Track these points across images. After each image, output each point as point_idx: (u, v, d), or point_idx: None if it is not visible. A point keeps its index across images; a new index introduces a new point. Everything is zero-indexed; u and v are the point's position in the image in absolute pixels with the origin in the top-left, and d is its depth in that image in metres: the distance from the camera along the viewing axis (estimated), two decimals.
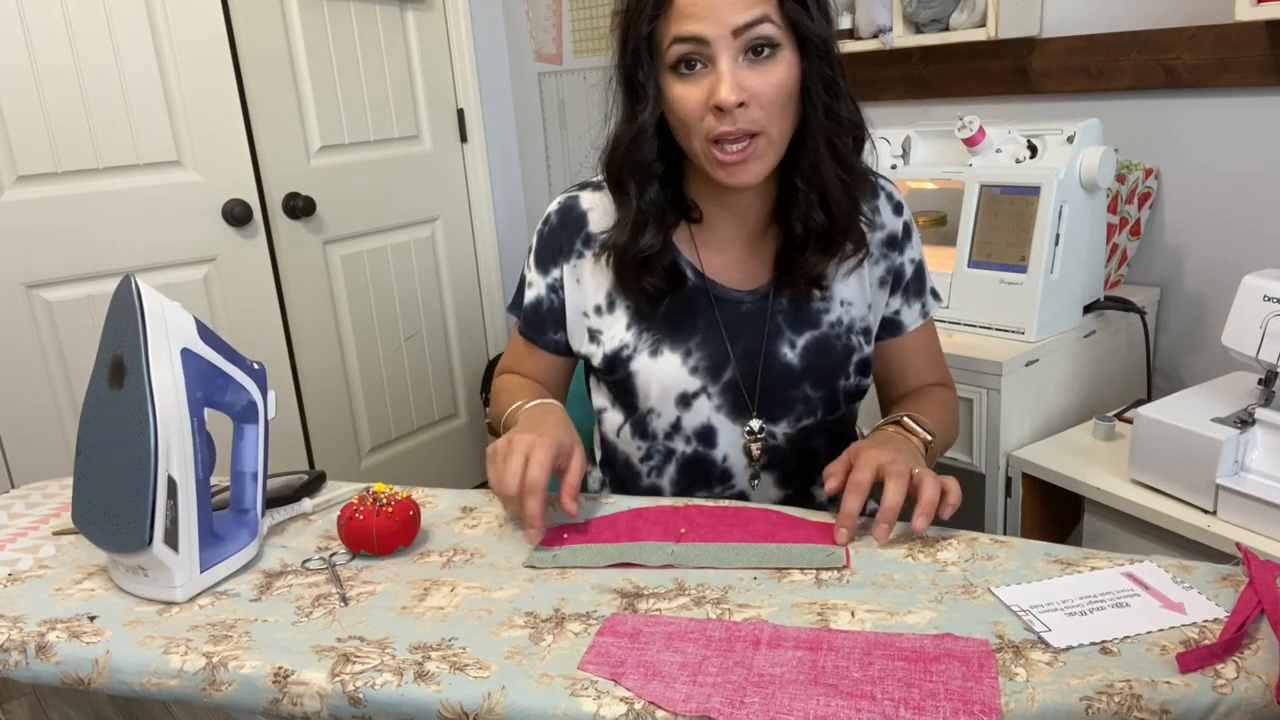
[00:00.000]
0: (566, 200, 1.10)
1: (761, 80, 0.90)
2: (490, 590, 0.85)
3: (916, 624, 0.76)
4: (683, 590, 0.83)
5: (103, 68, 1.94)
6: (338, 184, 2.37)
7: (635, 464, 1.13)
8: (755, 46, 0.90)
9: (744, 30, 0.88)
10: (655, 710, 0.67)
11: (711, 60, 0.90)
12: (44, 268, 1.95)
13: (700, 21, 0.88)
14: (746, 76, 0.90)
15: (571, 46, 2.57)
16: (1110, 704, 0.64)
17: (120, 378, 0.85)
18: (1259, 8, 1.28)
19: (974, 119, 1.43)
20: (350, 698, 0.72)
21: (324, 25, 2.28)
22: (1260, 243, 1.50)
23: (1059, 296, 1.39)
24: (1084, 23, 1.61)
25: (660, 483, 1.12)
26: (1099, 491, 1.22)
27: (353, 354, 2.49)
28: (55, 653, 0.80)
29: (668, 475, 1.11)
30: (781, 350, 1.05)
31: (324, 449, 2.45)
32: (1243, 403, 1.13)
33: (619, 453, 1.15)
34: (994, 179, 1.41)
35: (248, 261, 2.21)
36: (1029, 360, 1.36)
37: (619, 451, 1.15)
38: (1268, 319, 1.06)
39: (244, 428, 0.97)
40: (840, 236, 1.00)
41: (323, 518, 1.04)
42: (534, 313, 1.13)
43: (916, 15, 1.66)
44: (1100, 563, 0.83)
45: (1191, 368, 1.61)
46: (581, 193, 1.10)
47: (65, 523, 1.05)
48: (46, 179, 1.92)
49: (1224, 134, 1.50)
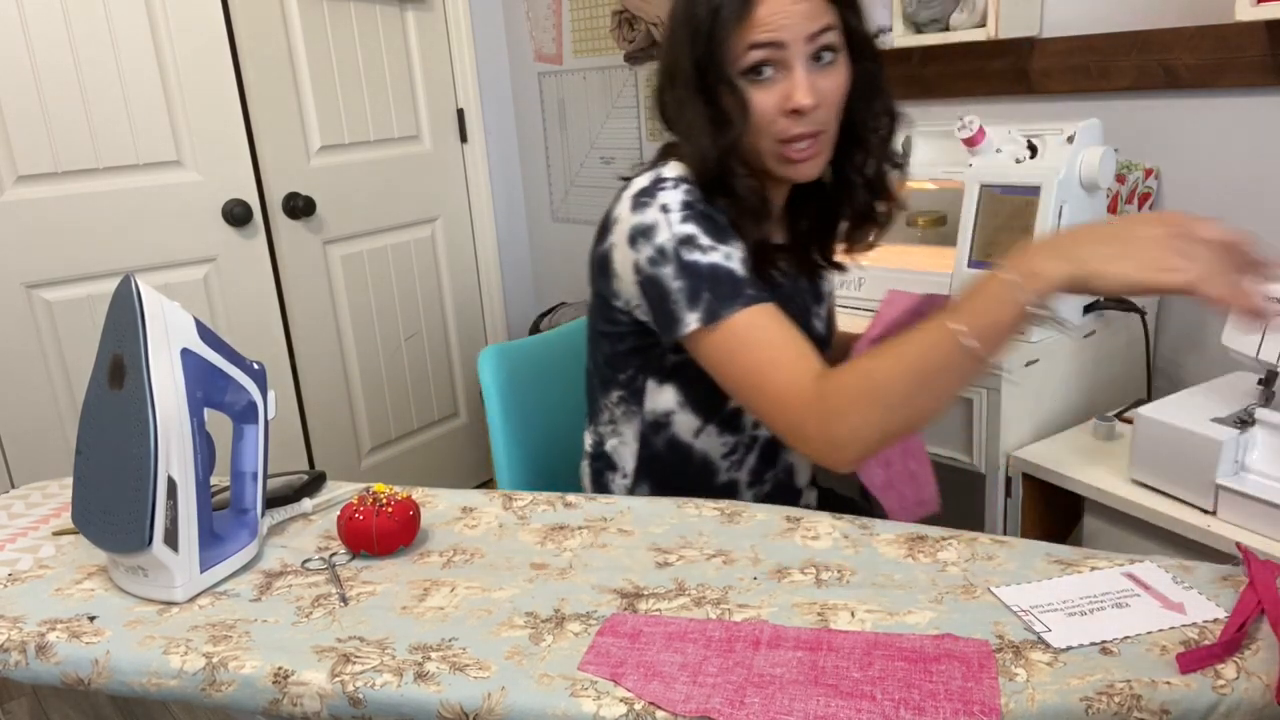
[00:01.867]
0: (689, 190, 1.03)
1: (828, 83, 0.99)
2: (490, 590, 0.85)
3: (916, 624, 0.76)
4: (683, 590, 0.83)
5: (103, 68, 1.94)
6: (338, 184, 2.37)
7: (716, 461, 1.14)
8: (819, 52, 0.98)
9: (815, 37, 0.96)
10: (655, 710, 0.67)
11: (786, 66, 0.97)
12: (44, 268, 1.95)
13: (779, 30, 0.95)
14: (816, 80, 0.98)
15: (571, 46, 2.57)
16: (1110, 704, 0.64)
17: (120, 378, 0.85)
18: (1259, 8, 1.28)
19: (974, 119, 1.42)
20: (350, 698, 0.72)
21: (324, 25, 2.28)
22: (1260, 243, 1.50)
23: (1059, 297, 1.39)
24: (1084, 23, 1.61)
25: (739, 476, 1.15)
26: (1099, 491, 1.22)
27: (353, 354, 2.49)
28: (55, 653, 0.80)
29: (747, 466, 1.15)
30: (815, 324, 1.19)
31: (324, 449, 2.45)
32: (1243, 403, 1.13)
33: (694, 455, 1.13)
34: (994, 179, 1.41)
35: (248, 261, 2.21)
36: (1029, 360, 1.36)
37: (695, 453, 1.13)
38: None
39: (244, 428, 0.97)
40: (885, 213, 1.12)
41: (323, 518, 1.04)
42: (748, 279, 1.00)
43: (916, 15, 1.66)
44: (1100, 563, 0.83)
45: (1191, 368, 1.61)
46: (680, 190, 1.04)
47: (65, 523, 1.05)
48: (46, 179, 1.92)
49: (1224, 134, 1.50)
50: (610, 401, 1.16)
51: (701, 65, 0.99)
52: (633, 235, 1.01)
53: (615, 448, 1.18)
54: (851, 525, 0.94)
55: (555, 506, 1.04)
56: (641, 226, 1.00)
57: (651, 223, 1.00)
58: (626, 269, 1.03)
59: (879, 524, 0.94)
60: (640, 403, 1.14)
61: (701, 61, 0.99)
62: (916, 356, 0.87)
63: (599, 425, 1.19)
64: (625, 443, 1.17)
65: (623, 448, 1.17)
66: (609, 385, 1.15)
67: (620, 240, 1.03)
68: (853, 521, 0.95)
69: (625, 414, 1.16)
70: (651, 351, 1.10)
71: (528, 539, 0.96)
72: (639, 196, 1.03)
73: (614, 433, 1.18)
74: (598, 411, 1.19)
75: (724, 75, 0.98)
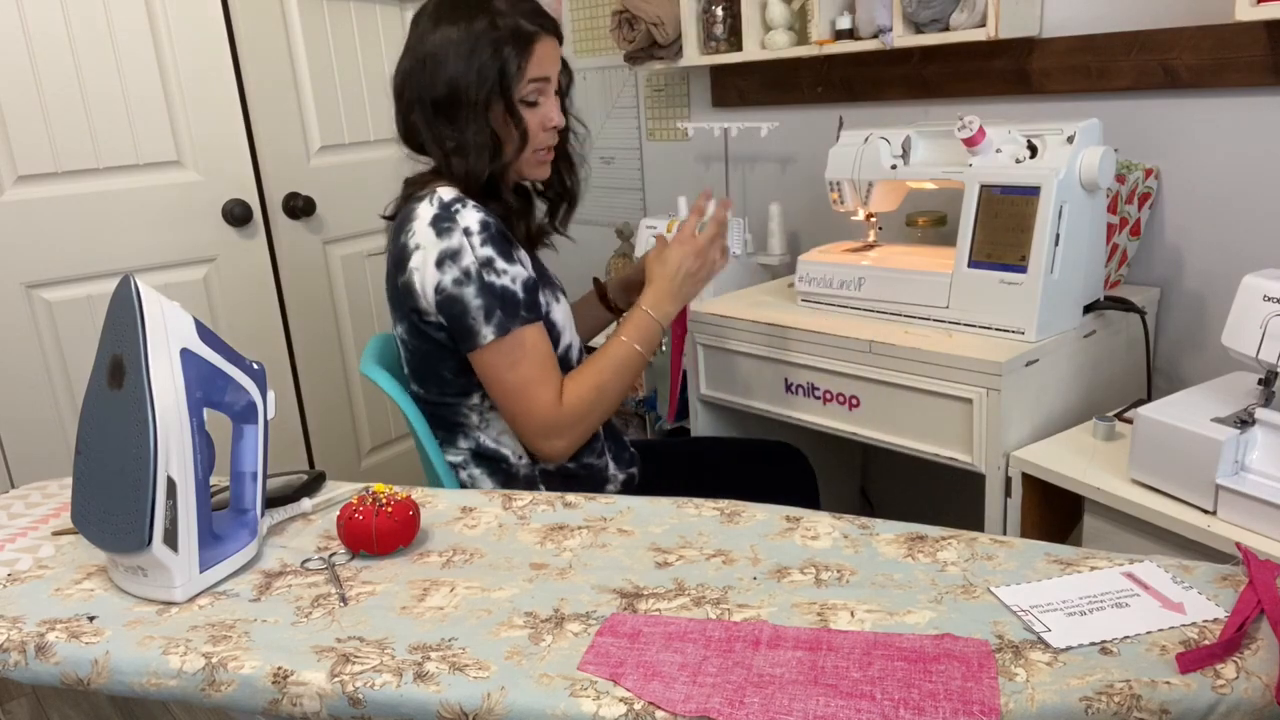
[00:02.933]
0: (477, 207, 1.25)
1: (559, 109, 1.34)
2: (490, 590, 0.85)
3: (916, 624, 0.76)
4: (682, 590, 0.83)
5: (103, 68, 1.94)
6: (338, 184, 2.37)
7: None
8: (560, 87, 1.34)
9: (559, 76, 1.33)
10: (655, 710, 0.67)
11: (546, 95, 1.30)
12: (44, 268, 1.95)
13: (547, 68, 1.28)
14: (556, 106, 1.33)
15: (572, 46, 2.57)
16: (1110, 704, 0.64)
17: (120, 378, 0.85)
18: (1259, 8, 1.28)
19: (974, 119, 1.42)
20: (350, 698, 0.72)
21: (324, 25, 2.28)
22: (1260, 243, 1.50)
23: (1059, 296, 1.39)
24: (1084, 23, 1.61)
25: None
26: (1099, 491, 1.22)
27: (353, 354, 2.49)
28: (55, 653, 0.80)
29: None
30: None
31: (324, 449, 2.44)
32: (1243, 403, 1.13)
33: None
34: (994, 179, 1.41)
35: (248, 261, 2.21)
36: (1029, 360, 1.36)
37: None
38: (1268, 319, 1.06)
39: (243, 428, 0.97)
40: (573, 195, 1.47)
41: (322, 518, 1.04)
42: (525, 300, 1.26)
43: (916, 15, 1.66)
44: (1100, 563, 0.83)
45: (1191, 368, 1.61)
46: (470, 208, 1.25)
47: (65, 523, 1.05)
48: (46, 179, 1.92)
49: (1224, 134, 1.50)
50: (473, 404, 1.32)
51: (486, 98, 1.23)
52: (440, 259, 1.20)
53: (498, 439, 1.34)
54: (851, 525, 0.94)
55: (555, 506, 1.04)
56: (449, 250, 1.20)
57: (457, 246, 1.20)
58: (428, 289, 1.21)
59: (879, 524, 0.94)
60: None
61: (488, 95, 1.23)
62: (612, 367, 1.29)
63: (471, 433, 1.35)
64: (505, 431, 1.33)
65: (505, 436, 1.34)
66: (467, 392, 1.31)
67: (424, 264, 1.21)
68: (853, 521, 0.95)
69: (492, 407, 1.32)
70: None
71: (527, 539, 0.96)
72: (438, 223, 1.21)
73: (488, 428, 1.34)
74: (462, 424, 1.35)
75: (509, 103, 1.25)
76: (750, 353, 1.61)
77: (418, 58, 1.26)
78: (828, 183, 1.66)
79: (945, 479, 1.85)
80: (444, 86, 1.23)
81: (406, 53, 1.28)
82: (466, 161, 1.25)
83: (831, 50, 1.80)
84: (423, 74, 1.25)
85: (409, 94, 1.28)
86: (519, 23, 1.25)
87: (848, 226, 1.78)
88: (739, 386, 1.67)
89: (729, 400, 1.69)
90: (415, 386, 1.37)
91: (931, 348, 1.38)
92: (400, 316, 1.30)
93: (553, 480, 1.35)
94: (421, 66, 1.25)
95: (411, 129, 1.30)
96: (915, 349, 1.39)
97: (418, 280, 1.22)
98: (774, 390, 1.61)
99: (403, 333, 1.32)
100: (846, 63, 1.92)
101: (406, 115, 1.29)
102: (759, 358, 1.61)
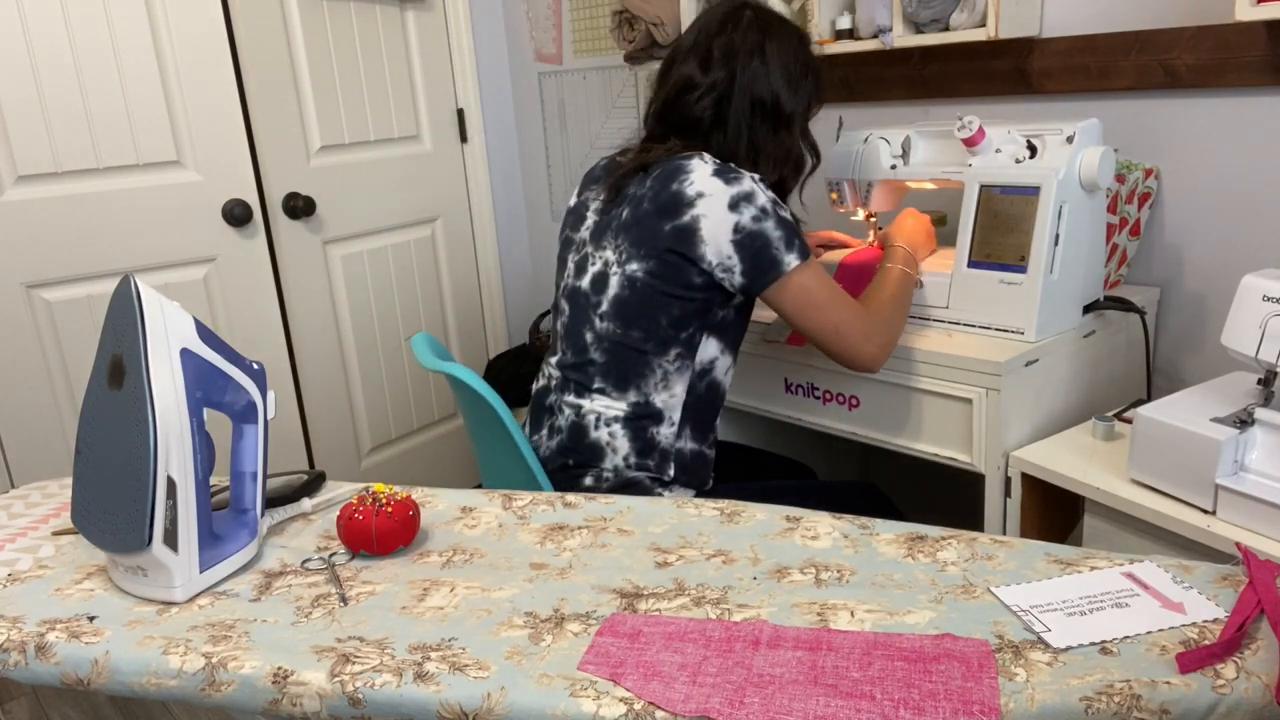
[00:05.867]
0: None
1: None
2: (490, 590, 0.85)
3: (916, 624, 0.76)
4: (683, 590, 0.83)
5: (103, 68, 1.94)
6: (338, 184, 2.37)
7: (727, 389, 1.41)
8: None
9: None
10: (655, 710, 0.67)
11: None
12: (44, 268, 1.95)
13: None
14: None
15: (571, 46, 2.57)
16: (1110, 704, 0.64)
17: (120, 378, 0.85)
18: (1259, 8, 1.28)
19: (974, 119, 1.42)
20: (350, 698, 0.72)
21: (324, 25, 2.28)
22: (1260, 243, 1.50)
23: (1059, 296, 1.39)
24: (1084, 23, 1.61)
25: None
26: (1099, 491, 1.22)
27: (353, 354, 2.49)
28: (55, 653, 0.80)
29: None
30: None
31: (324, 449, 2.44)
32: (1242, 403, 1.13)
33: (721, 390, 1.39)
34: (994, 179, 1.41)
35: (248, 261, 2.21)
36: (1029, 360, 1.36)
37: (722, 389, 1.39)
38: (1267, 319, 1.06)
39: (243, 428, 0.97)
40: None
41: (322, 518, 1.04)
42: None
43: (916, 15, 1.66)
44: (1100, 563, 0.83)
45: (1191, 368, 1.61)
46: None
47: (65, 523, 1.05)
48: (46, 179, 1.92)
49: (1224, 134, 1.50)
50: (666, 360, 1.32)
51: (805, 114, 1.36)
52: (734, 202, 1.25)
53: (665, 401, 1.34)
54: (851, 525, 0.94)
55: (555, 506, 1.04)
56: (742, 193, 1.25)
57: (750, 189, 1.26)
58: (722, 230, 1.24)
59: (879, 524, 0.94)
60: (694, 356, 1.33)
61: (809, 110, 1.37)
62: (889, 286, 1.38)
63: (645, 386, 1.33)
64: (675, 394, 1.34)
65: (672, 399, 1.34)
66: (667, 345, 1.31)
67: (713, 209, 1.24)
68: (853, 521, 0.95)
69: (679, 369, 1.33)
70: (711, 309, 1.31)
71: (527, 539, 0.96)
72: (723, 173, 1.26)
73: (665, 388, 1.33)
74: (644, 375, 1.33)
75: (804, 127, 1.39)
76: (750, 352, 1.61)
77: (754, 53, 1.32)
78: (827, 183, 1.66)
79: (945, 479, 1.85)
80: (784, 96, 1.33)
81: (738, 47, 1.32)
82: (776, 166, 1.35)
83: (831, 50, 1.80)
84: (778, 81, 1.32)
85: (739, 84, 1.31)
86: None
87: (848, 226, 1.78)
88: (739, 386, 1.67)
89: (729, 400, 1.70)
90: (611, 325, 1.32)
91: (931, 348, 1.38)
92: (646, 254, 1.28)
93: (680, 460, 1.36)
94: (763, 65, 1.32)
95: (694, 117, 1.33)
96: (915, 349, 1.39)
97: (706, 226, 1.24)
98: (774, 390, 1.61)
99: (638, 270, 1.28)
100: (846, 63, 1.92)
101: (720, 103, 1.32)
102: (759, 357, 1.61)
